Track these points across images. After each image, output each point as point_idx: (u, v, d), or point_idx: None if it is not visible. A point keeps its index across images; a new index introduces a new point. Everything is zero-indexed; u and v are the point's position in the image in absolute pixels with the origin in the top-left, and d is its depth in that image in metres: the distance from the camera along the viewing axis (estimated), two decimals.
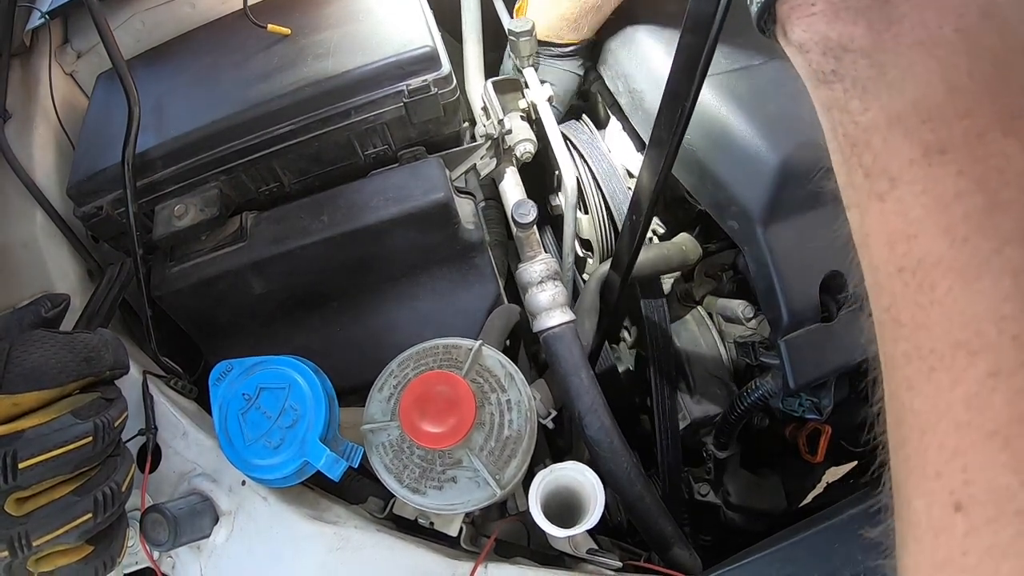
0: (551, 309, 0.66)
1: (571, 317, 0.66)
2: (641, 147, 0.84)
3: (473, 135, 0.87)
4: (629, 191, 0.80)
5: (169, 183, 0.69)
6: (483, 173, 0.81)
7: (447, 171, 0.69)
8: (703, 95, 0.66)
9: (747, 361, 0.78)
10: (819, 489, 1.01)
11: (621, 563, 0.60)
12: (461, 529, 0.59)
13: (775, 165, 0.61)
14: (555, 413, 0.69)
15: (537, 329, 0.67)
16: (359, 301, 0.73)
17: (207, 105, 0.70)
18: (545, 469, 0.55)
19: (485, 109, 0.82)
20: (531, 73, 0.83)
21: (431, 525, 0.60)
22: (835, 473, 0.99)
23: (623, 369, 0.95)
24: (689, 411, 0.82)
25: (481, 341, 0.60)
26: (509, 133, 0.78)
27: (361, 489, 0.63)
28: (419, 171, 0.69)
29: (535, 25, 0.79)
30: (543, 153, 0.82)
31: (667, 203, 0.90)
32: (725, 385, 0.83)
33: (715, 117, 0.65)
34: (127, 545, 0.50)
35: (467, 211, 0.72)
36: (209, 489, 0.58)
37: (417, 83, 0.67)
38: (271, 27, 0.74)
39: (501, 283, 0.76)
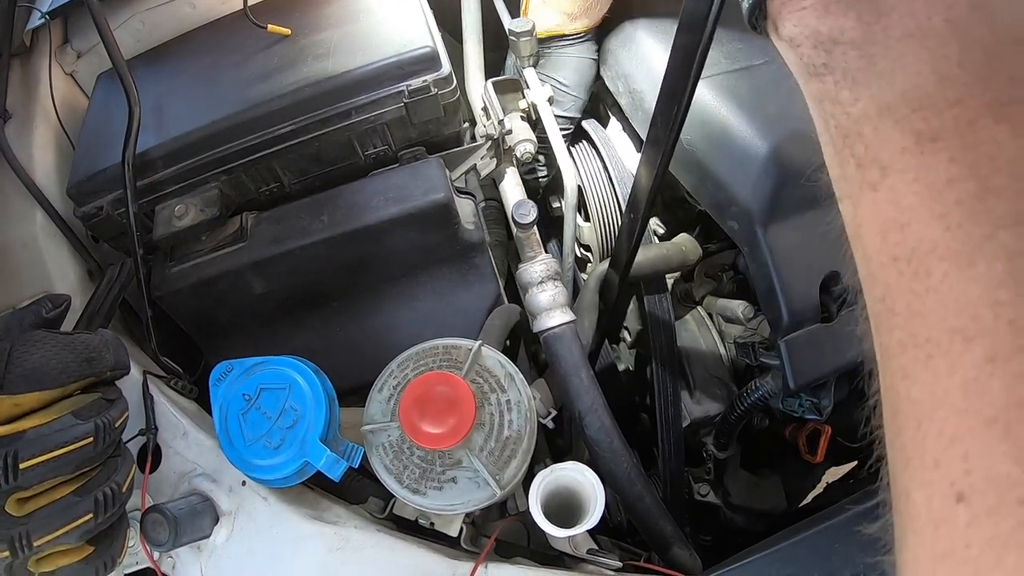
0: (551, 309, 0.66)
1: (571, 317, 0.66)
2: (641, 147, 0.85)
3: (473, 135, 0.88)
4: None
5: (169, 183, 0.69)
6: (483, 173, 0.81)
7: (447, 171, 0.70)
8: (704, 96, 0.67)
9: (747, 361, 0.78)
10: (819, 489, 1.01)
11: (621, 563, 0.60)
12: (461, 529, 0.59)
13: (775, 165, 0.61)
14: (555, 413, 0.70)
15: (537, 329, 0.67)
16: (359, 301, 0.73)
17: (207, 105, 0.70)
18: (545, 469, 0.55)
19: (485, 109, 0.82)
20: (531, 73, 0.83)
21: (431, 525, 0.60)
22: (835, 473, 0.99)
23: (623, 368, 0.95)
24: (689, 411, 0.82)
25: (481, 341, 0.60)
26: (509, 133, 0.78)
27: (361, 489, 0.63)
28: (419, 171, 0.69)
29: (539, 23, 0.79)
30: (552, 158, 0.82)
31: (667, 203, 0.90)
32: (725, 385, 0.83)
33: (715, 117, 0.66)
34: (128, 545, 0.50)
35: (467, 211, 0.72)
36: (209, 489, 0.58)
37: (417, 83, 0.67)
38: (271, 27, 0.74)
39: (501, 283, 0.76)
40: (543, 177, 0.96)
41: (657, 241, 0.88)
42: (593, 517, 0.52)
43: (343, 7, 0.77)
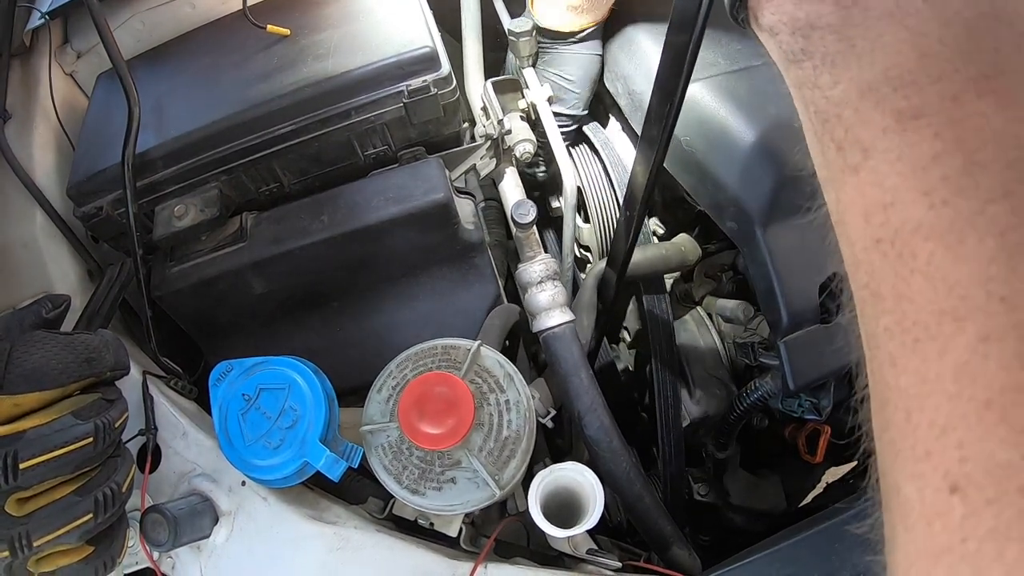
0: (550, 309, 0.66)
1: (570, 317, 0.66)
2: None
3: (473, 135, 0.88)
4: None
5: (169, 183, 0.69)
6: (483, 173, 0.81)
7: (447, 171, 0.70)
8: (702, 96, 0.67)
9: (747, 362, 0.78)
10: (819, 489, 1.01)
11: (620, 563, 0.60)
12: (461, 529, 0.59)
13: (774, 166, 0.61)
14: (554, 413, 0.70)
15: (536, 329, 0.67)
16: (359, 301, 0.73)
17: (207, 105, 0.70)
18: (545, 470, 0.55)
19: (485, 109, 0.83)
20: (530, 73, 0.83)
21: (431, 525, 0.60)
22: (835, 473, 0.99)
23: (622, 368, 0.95)
24: (688, 411, 0.82)
25: (480, 341, 0.60)
26: (509, 133, 0.78)
27: (361, 489, 0.63)
28: (419, 171, 0.69)
29: (545, 19, 0.78)
30: (550, 158, 0.82)
31: (667, 203, 0.90)
32: (725, 386, 0.83)
33: (714, 118, 0.66)
34: (127, 545, 0.50)
35: (467, 211, 0.73)
36: (209, 489, 0.58)
37: (417, 83, 0.67)
38: (271, 27, 0.74)
39: (501, 283, 0.76)
40: (541, 173, 0.95)
41: (657, 241, 0.88)
42: (592, 517, 0.52)
43: (343, 7, 0.77)
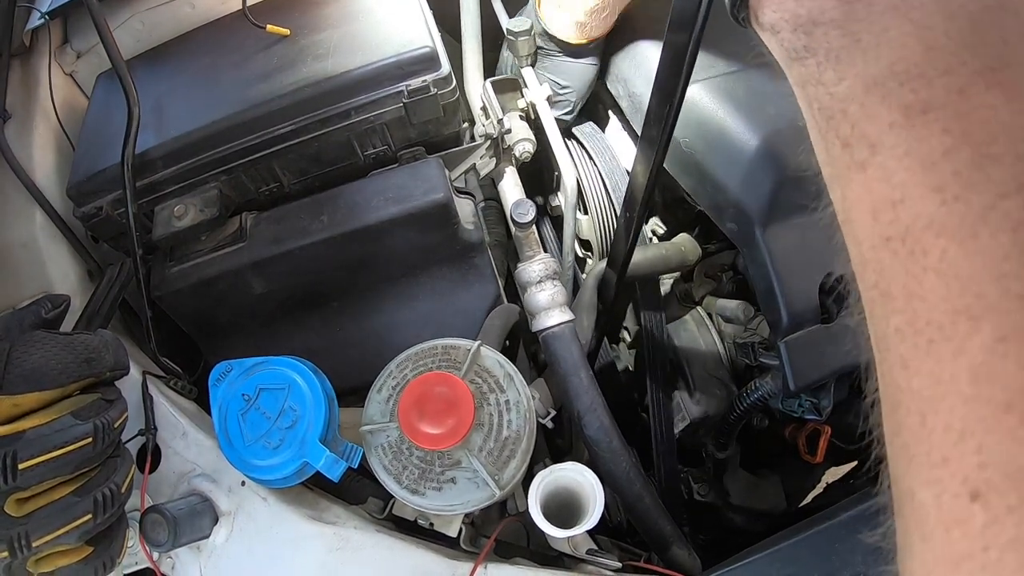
0: (550, 309, 0.66)
1: (570, 317, 0.66)
2: None
3: (472, 135, 0.87)
4: None
5: (169, 183, 0.69)
6: (483, 173, 0.81)
7: (447, 171, 0.69)
8: (702, 97, 0.67)
9: (747, 362, 0.78)
10: (819, 489, 1.01)
11: (620, 563, 0.60)
12: (461, 530, 0.59)
13: (773, 167, 0.61)
14: (554, 413, 0.69)
15: (536, 329, 0.67)
16: (359, 301, 0.73)
17: (207, 105, 0.70)
18: (545, 470, 0.55)
19: (484, 109, 0.82)
20: (529, 72, 0.83)
21: (431, 526, 0.60)
22: (835, 473, 0.99)
23: (622, 368, 0.95)
24: (688, 412, 0.82)
25: (480, 341, 0.60)
26: (508, 133, 0.78)
27: (361, 490, 0.63)
28: (419, 171, 0.69)
29: (551, 30, 0.78)
30: (543, 153, 0.82)
31: (667, 204, 0.90)
32: (725, 386, 0.83)
33: (713, 119, 0.65)
34: (127, 545, 0.50)
35: (467, 211, 0.72)
36: (209, 489, 0.58)
37: (417, 83, 0.67)
38: (270, 27, 0.74)
39: (501, 283, 0.76)
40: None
41: (657, 241, 0.88)
42: (592, 518, 0.52)
43: (342, 7, 0.77)
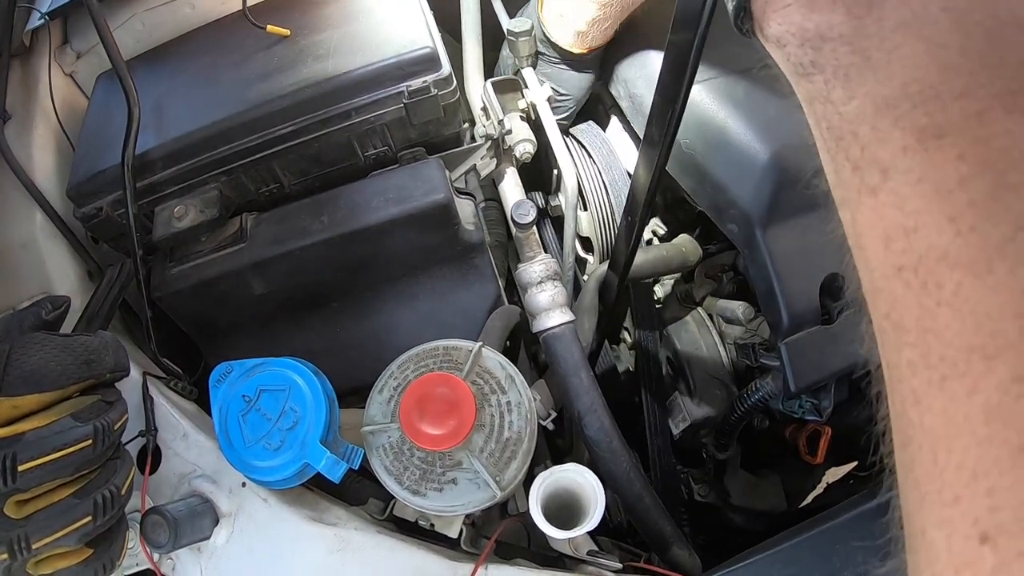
0: (550, 309, 0.66)
1: (570, 317, 0.66)
2: None
3: (473, 136, 0.87)
4: None
5: (169, 184, 0.69)
6: (483, 174, 0.81)
7: (447, 172, 0.69)
8: (702, 99, 0.67)
9: (747, 363, 0.78)
10: (819, 490, 1.01)
11: (621, 564, 0.60)
12: (461, 531, 0.59)
13: (774, 168, 0.61)
14: (555, 414, 0.69)
15: (537, 329, 0.67)
16: (359, 302, 0.73)
17: (207, 106, 0.70)
18: (546, 471, 0.55)
19: (485, 109, 0.82)
20: (530, 73, 0.83)
21: (431, 527, 0.60)
22: (835, 474, 0.99)
23: (623, 369, 0.95)
24: (689, 412, 0.82)
25: (481, 343, 0.60)
26: (509, 133, 0.78)
27: (361, 490, 0.63)
28: (419, 172, 0.69)
29: (553, 35, 0.78)
30: (542, 151, 0.82)
31: (667, 204, 0.90)
32: (725, 386, 0.83)
33: (714, 120, 0.65)
34: (127, 547, 0.50)
35: (467, 212, 0.72)
36: (209, 491, 0.58)
37: (417, 84, 0.67)
38: (270, 28, 0.74)
39: (501, 284, 0.76)
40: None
41: (657, 242, 0.88)
42: (593, 519, 0.52)
43: (343, 7, 0.77)
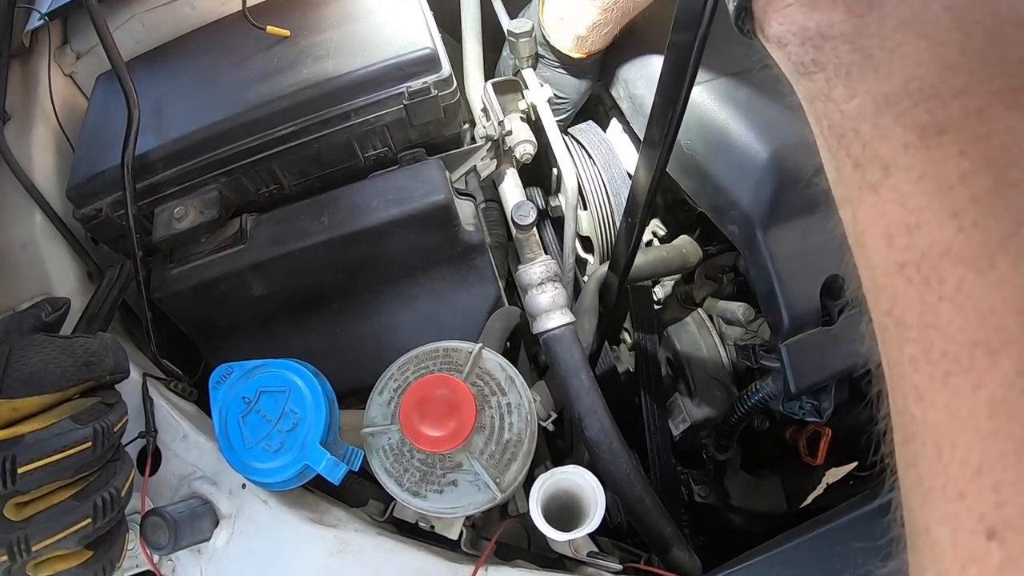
0: (551, 311, 0.66)
1: (571, 319, 0.66)
2: None
3: (473, 136, 0.87)
4: None
5: (169, 185, 0.69)
6: (483, 175, 0.81)
7: (447, 173, 0.69)
8: (703, 100, 0.67)
9: (748, 364, 0.78)
10: (819, 491, 1.01)
11: (621, 565, 0.60)
12: (461, 532, 0.59)
13: (774, 169, 0.61)
14: (555, 416, 0.69)
15: (537, 331, 0.67)
16: (359, 303, 0.73)
17: (207, 107, 0.70)
18: (546, 472, 0.55)
19: (485, 110, 0.82)
20: (530, 74, 0.83)
21: (431, 528, 0.60)
22: (835, 474, 0.99)
23: (623, 370, 0.95)
24: (689, 413, 0.82)
25: (482, 344, 0.60)
26: (509, 134, 0.78)
27: (361, 492, 0.63)
28: (419, 173, 0.69)
29: (553, 38, 0.78)
30: (542, 152, 0.82)
31: (668, 205, 0.90)
32: (725, 388, 0.83)
33: (714, 121, 0.65)
34: (127, 549, 0.50)
35: (467, 213, 0.72)
36: (209, 492, 0.58)
37: (417, 85, 0.67)
38: (270, 28, 0.74)
39: (501, 285, 0.76)
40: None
41: (657, 243, 0.88)
42: (593, 521, 0.52)
43: (343, 8, 0.77)
